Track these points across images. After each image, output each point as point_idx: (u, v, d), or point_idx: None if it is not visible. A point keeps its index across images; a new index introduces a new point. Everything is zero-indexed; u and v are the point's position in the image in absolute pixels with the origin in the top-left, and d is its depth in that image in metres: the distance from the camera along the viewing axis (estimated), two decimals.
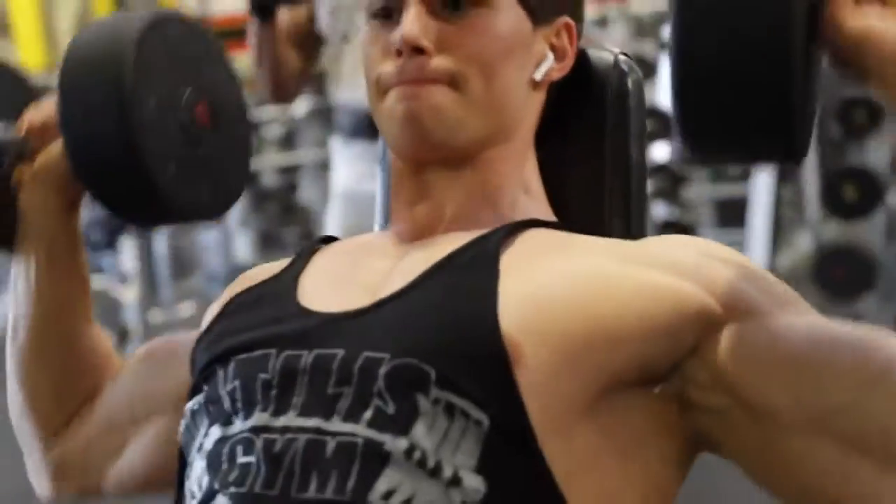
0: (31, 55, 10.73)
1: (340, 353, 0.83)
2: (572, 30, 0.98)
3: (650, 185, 1.60)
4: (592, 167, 1.04)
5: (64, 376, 1.07)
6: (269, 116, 6.87)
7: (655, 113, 4.97)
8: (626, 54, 1.05)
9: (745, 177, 5.07)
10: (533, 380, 0.79)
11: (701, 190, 5.81)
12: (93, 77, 0.92)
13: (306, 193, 6.88)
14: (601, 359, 0.82)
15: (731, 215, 5.55)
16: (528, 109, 0.97)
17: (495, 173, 0.95)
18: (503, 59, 0.92)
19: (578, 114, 1.03)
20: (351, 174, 2.47)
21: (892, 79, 0.75)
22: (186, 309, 5.72)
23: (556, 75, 0.98)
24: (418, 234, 0.94)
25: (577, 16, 0.99)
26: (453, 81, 0.91)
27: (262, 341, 0.87)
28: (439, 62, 0.91)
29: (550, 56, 0.97)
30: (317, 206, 6.30)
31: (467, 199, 0.94)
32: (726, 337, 0.82)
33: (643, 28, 7.97)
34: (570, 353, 0.81)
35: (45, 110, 1.01)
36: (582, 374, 0.81)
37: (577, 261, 0.87)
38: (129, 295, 5.13)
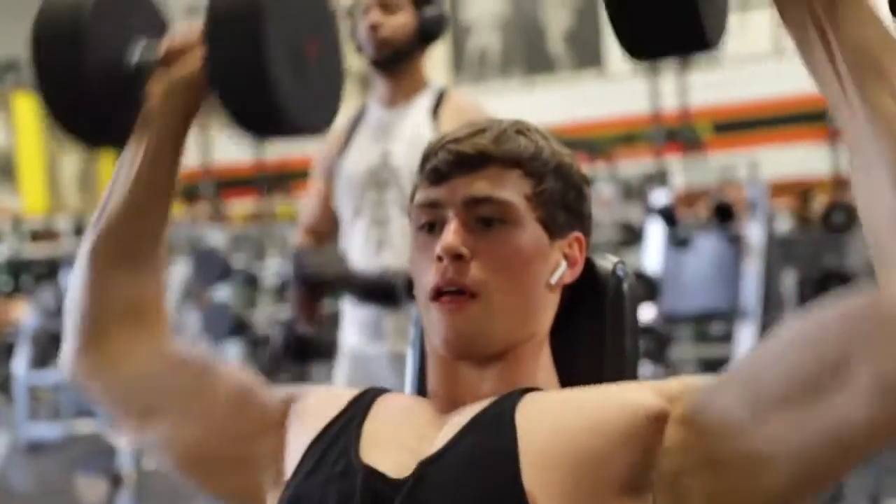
0: (35, 201, 10.99)
1: None
2: (582, 242, 1.18)
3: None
4: (594, 354, 1.22)
5: (131, 266, 1.21)
6: (266, 269, 7.06)
7: (642, 277, 5.17)
8: (622, 262, 1.23)
9: (727, 338, 5.22)
10: None
11: (685, 350, 5.96)
12: (235, 17, 1.11)
13: None
14: (597, 477, 1.00)
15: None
16: (546, 309, 1.15)
17: (518, 365, 1.13)
18: (525, 267, 1.12)
19: (583, 310, 1.21)
20: (359, 338, 2.63)
21: None
22: None
23: (568, 279, 1.16)
24: (454, 408, 1.11)
25: (586, 230, 1.19)
26: (485, 290, 1.09)
27: (332, 495, 1.05)
28: (474, 269, 1.10)
29: (564, 264, 1.15)
30: None
31: (496, 386, 1.11)
32: (681, 422, 1.01)
33: (631, 191, 8.25)
34: (574, 489, 1.00)
35: (185, 36, 1.19)
36: (587, 497, 0.99)
37: (570, 409, 1.06)
38: (123, 440, 5.18)
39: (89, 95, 1.15)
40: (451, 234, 1.10)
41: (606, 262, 1.22)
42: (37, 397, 6.84)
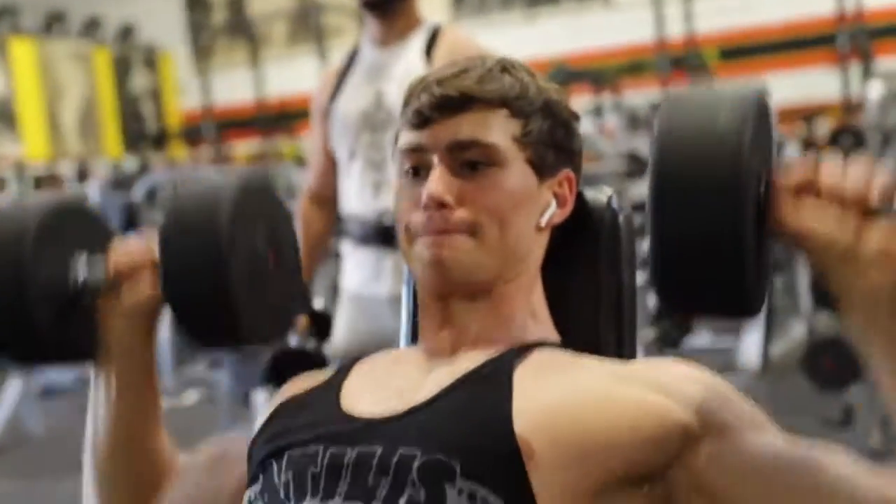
0: (36, 147, 10.96)
1: (379, 450, 0.98)
2: (572, 180, 1.13)
3: (643, 277, 1.73)
4: (589, 292, 1.18)
5: (138, 481, 1.17)
6: None
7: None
8: (618, 193, 1.19)
9: None
10: (542, 472, 0.95)
11: None
12: (192, 237, 1.05)
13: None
14: (599, 460, 0.97)
15: None
16: (535, 249, 1.11)
17: (508, 303, 1.09)
18: (514, 210, 1.07)
19: (577, 246, 1.17)
20: (358, 279, 2.61)
21: (828, 263, 0.89)
22: (190, 396, 5.80)
23: (558, 219, 1.13)
24: (444, 352, 1.09)
25: (576, 167, 1.14)
26: (472, 230, 1.06)
27: (311, 440, 1.03)
28: (460, 214, 1.06)
29: (553, 204, 1.11)
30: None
31: (484, 325, 1.08)
32: (705, 451, 0.96)
33: (637, 121, 8.16)
34: (572, 454, 0.96)
35: (132, 253, 1.12)
36: (583, 471, 0.96)
37: (579, 379, 1.02)
38: None
39: (35, 318, 1.08)
40: (435, 182, 1.05)
41: (601, 194, 1.19)
42: None
